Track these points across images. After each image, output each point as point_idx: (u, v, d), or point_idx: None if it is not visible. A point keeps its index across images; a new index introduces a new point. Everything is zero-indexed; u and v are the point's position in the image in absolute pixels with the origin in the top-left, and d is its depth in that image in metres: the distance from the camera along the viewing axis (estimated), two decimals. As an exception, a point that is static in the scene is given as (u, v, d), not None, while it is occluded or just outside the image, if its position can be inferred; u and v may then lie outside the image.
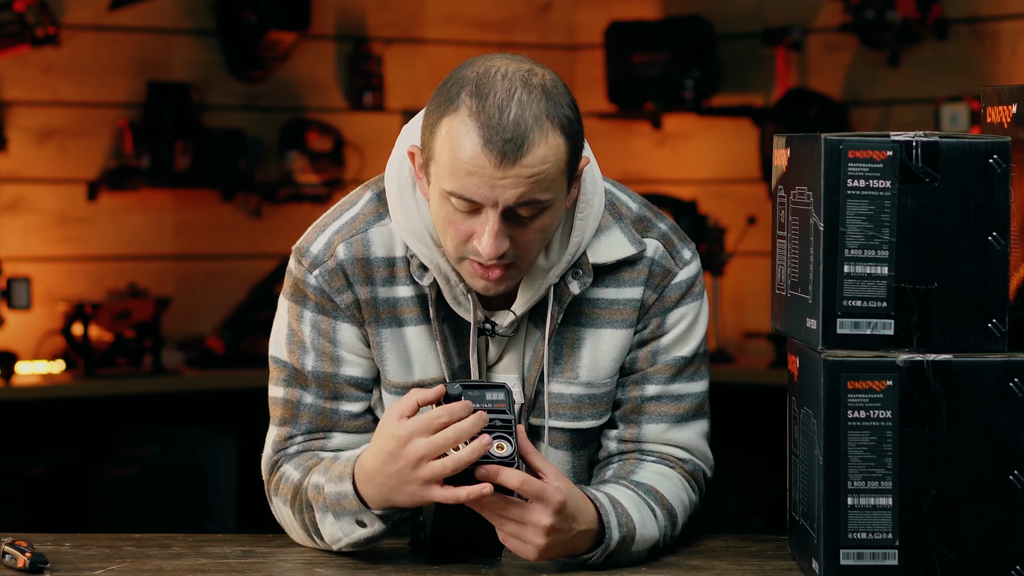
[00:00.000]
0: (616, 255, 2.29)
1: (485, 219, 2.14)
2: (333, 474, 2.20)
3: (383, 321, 2.29)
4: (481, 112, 2.10)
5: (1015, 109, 2.13)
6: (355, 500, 2.17)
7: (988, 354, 2.04)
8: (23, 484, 5.75)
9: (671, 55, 6.55)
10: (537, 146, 2.10)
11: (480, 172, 2.10)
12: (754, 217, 6.37)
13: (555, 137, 2.12)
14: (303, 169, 6.50)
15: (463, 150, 2.11)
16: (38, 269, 6.07)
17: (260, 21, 6.36)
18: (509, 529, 2.10)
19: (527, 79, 2.13)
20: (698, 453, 2.35)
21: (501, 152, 2.09)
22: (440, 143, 2.13)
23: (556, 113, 2.12)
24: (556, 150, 2.12)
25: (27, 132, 6.13)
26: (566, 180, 2.17)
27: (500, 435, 2.09)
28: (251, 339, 6.23)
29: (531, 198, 2.12)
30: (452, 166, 2.12)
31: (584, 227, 2.27)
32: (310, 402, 2.31)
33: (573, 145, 2.15)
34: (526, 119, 2.10)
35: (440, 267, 2.25)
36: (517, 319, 2.29)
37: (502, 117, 2.09)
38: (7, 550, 2.19)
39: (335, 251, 2.29)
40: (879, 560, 2.03)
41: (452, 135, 2.12)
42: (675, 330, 2.33)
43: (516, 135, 2.09)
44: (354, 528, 2.20)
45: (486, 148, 2.09)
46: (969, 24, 6.13)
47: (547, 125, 2.11)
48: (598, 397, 2.32)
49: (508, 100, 2.10)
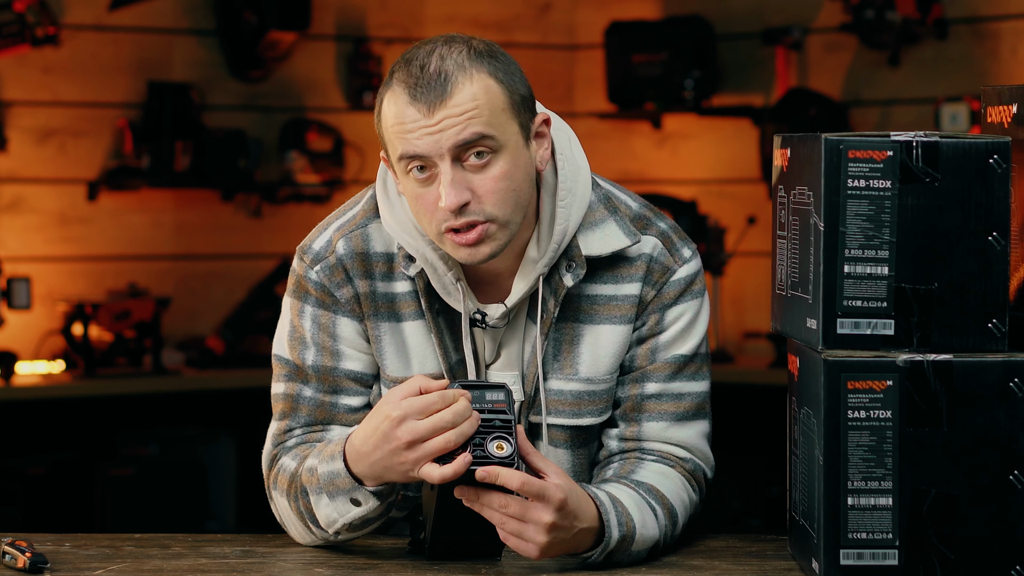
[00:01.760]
0: (610, 247, 2.30)
1: (440, 175, 2.17)
2: (325, 455, 2.21)
3: (381, 315, 2.31)
4: (407, 76, 2.18)
5: (1015, 109, 2.13)
6: (348, 478, 2.17)
7: (988, 354, 2.04)
8: (23, 484, 5.75)
9: (671, 55, 6.55)
10: (461, 85, 2.16)
11: (415, 125, 2.17)
12: (754, 217, 6.37)
13: (482, 79, 2.18)
14: (303, 169, 6.49)
15: (398, 114, 2.18)
16: (38, 269, 6.07)
17: (260, 21, 6.36)
18: (510, 528, 2.11)
19: (449, 40, 2.21)
20: (698, 453, 2.35)
21: (427, 101, 2.16)
22: (385, 123, 2.21)
23: (480, 61, 2.19)
24: (486, 89, 2.18)
25: (27, 132, 6.13)
26: (515, 123, 2.20)
27: (500, 435, 2.09)
28: (251, 339, 6.23)
29: (471, 135, 2.16)
30: (395, 132, 2.19)
31: (568, 215, 2.28)
32: (309, 395, 2.32)
33: (509, 90, 2.20)
34: (446, 67, 2.17)
35: (427, 256, 2.27)
36: (509, 311, 2.29)
37: (423, 72, 2.17)
38: (7, 550, 2.19)
39: (335, 246, 2.32)
40: (879, 560, 2.03)
41: (388, 106, 2.20)
42: (674, 327, 2.33)
43: (438, 82, 2.16)
44: (349, 507, 2.20)
45: (413, 102, 2.17)
46: (969, 24, 6.13)
47: (471, 69, 2.18)
48: (598, 394, 2.32)
49: (428, 57, 2.18)
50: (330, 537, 2.26)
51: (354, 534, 2.25)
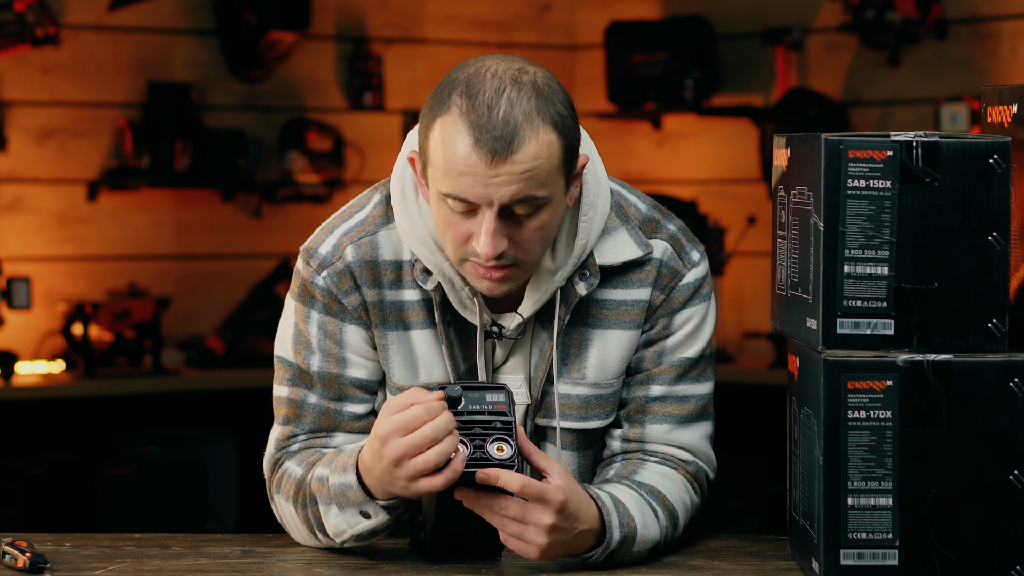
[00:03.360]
0: (622, 257, 2.29)
1: (482, 219, 2.14)
2: (337, 465, 2.20)
3: (389, 324, 2.30)
4: (471, 111, 2.11)
5: (1015, 109, 2.13)
6: (359, 491, 2.17)
7: (988, 354, 2.04)
8: (23, 484, 5.75)
9: (671, 55, 6.55)
10: (528, 142, 2.11)
11: (472, 171, 2.11)
12: (754, 217, 6.37)
13: (547, 133, 2.12)
14: (303, 169, 6.50)
15: (455, 150, 2.11)
16: (38, 269, 6.07)
17: (260, 21, 6.36)
18: (511, 529, 2.10)
19: (517, 77, 2.13)
20: (701, 455, 2.35)
21: (491, 150, 2.10)
22: (434, 145, 2.14)
23: (547, 110, 2.13)
24: (548, 146, 2.13)
25: (27, 132, 6.13)
26: (563, 177, 2.17)
27: (500, 437, 2.09)
28: (251, 339, 6.23)
29: (525, 195, 2.12)
30: (446, 167, 2.13)
31: (589, 229, 2.27)
32: (314, 402, 2.31)
33: (568, 142, 2.16)
34: (515, 116, 2.10)
35: (444, 271, 2.25)
36: (524, 321, 2.29)
37: (491, 115, 2.10)
38: (7, 550, 2.19)
39: (343, 253, 2.29)
40: (879, 560, 2.03)
41: (444, 136, 2.13)
42: (682, 331, 2.33)
43: (506, 132, 2.10)
44: (358, 520, 2.20)
45: (477, 146, 2.10)
46: (969, 24, 6.13)
47: (538, 121, 2.12)
48: (605, 397, 2.32)
49: (497, 98, 2.11)
50: (336, 544, 2.26)
51: (361, 543, 2.25)
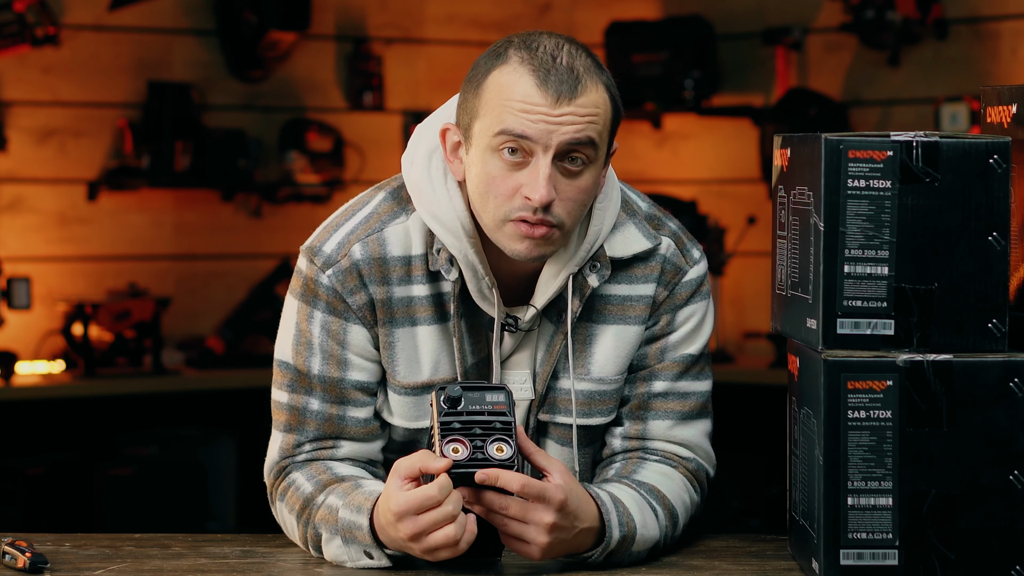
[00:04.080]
0: (632, 249, 2.30)
1: (535, 167, 2.16)
2: (351, 502, 2.18)
3: (397, 321, 2.28)
4: (533, 59, 2.16)
5: (1015, 109, 2.13)
6: (369, 536, 2.15)
7: (988, 354, 2.04)
8: (23, 484, 5.75)
9: (671, 55, 6.54)
10: (589, 91, 2.17)
11: (536, 109, 2.15)
12: (754, 217, 6.36)
13: (604, 91, 2.19)
14: (303, 169, 6.49)
15: (517, 91, 2.15)
16: (38, 269, 6.07)
17: (260, 21, 6.36)
18: (511, 529, 2.10)
19: (570, 40, 2.20)
20: (701, 452, 2.35)
21: (557, 91, 2.14)
22: (488, 95, 2.17)
23: (602, 74, 2.20)
24: (604, 103, 2.19)
25: (27, 132, 6.13)
26: (607, 144, 2.22)
27: (500, 437, 2.09)
28: (251, 339, 6.23)
29: (585, 137, 2.16)
30: (506, 107, 2.15)
31: (603, 218, 2.28)
32: (316, 408, 2.29)
33: (615, 111, 2.22)
34: (577, 67, 2.17)
35: (468, 258, 2.24)
36: (539, 312, 2.29)
37: (555, 62, 2.16)
38: (7, 550, 2.19)
39: (350, 251, 2.27)
40: (879, 560, 2.03)
41: (505, 82, 2.16)
42: (684, 328, 2.34)
43: (571, 77, 2.15)
44: (361, 557, 2.18)
45: (542, 87, 2.15)
46: (969, 24, 6.12)
47: (597, 78, 2.19)
48: (608, 393, 2.32)
49: (558, 50, 2.17)
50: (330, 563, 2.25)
51: None
